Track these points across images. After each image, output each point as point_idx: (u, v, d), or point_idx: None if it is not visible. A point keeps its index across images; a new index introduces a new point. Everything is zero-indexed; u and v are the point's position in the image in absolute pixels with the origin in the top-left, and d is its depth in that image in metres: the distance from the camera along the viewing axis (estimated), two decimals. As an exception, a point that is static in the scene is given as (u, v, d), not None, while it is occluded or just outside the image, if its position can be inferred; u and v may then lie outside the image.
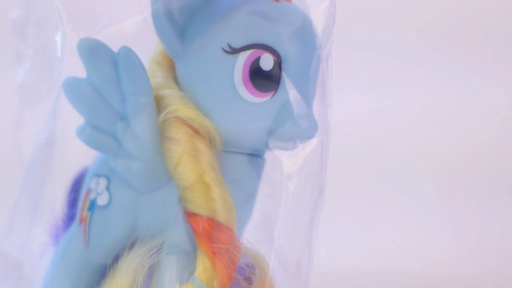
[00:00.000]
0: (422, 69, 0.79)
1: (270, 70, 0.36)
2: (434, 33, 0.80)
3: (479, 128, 0.79)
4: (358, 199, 0.75)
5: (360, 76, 0.77)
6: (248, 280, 0.37)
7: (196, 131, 0.36)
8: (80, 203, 0.39)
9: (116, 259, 0.37)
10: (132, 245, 0.37)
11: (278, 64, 0.36)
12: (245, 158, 0.38)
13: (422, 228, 0.74)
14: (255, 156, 0.38)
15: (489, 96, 0.79)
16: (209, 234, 0.35)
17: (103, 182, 0.38)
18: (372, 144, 0.78)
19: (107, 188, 0.38)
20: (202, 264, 0.35)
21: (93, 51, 0.36)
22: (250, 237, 0.38)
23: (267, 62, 0.36)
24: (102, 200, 0.38)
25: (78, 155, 0.40)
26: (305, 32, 0.37)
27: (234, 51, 0.36)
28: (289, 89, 0.36)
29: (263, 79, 0.36)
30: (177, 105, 0.36)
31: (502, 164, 0.79)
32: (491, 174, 0.79)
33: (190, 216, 0.36)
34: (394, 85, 0.79)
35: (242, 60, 0.36)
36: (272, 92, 0.36)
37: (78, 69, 0.36)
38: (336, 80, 0.39)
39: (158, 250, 0.36)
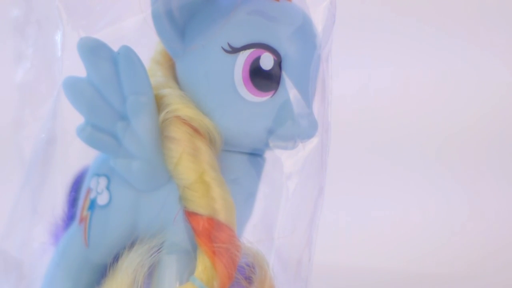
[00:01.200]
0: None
1: (270, 70, 0.36)
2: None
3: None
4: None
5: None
6: (248, 279, 0.37)
7: (196, 130, 0.36)
8: (80, 203, 0.39)
9: (116, 258, 0.37)
10: (132, 245, 0.37)
11: (278, 63, 0.36)
12: (245, 158, 0.38)
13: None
14: (255, 155, 0.38)
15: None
16: (209, 234, 0.35)
17: (103, 181, 0.38)
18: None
19: (107, 188, 0.38)
20: (202, 264, 0.35)
21: (93, 50, 0.36)
22: (250, 236, 0.38)
23: (267, 62, 0.36)
24: (102, 200, 0.38)
25: (78, 155, 0.40)
26: (305, 32, 0.37)
27: (234, 50, 0.36)
28: (289, 88, 0.36)
29: (263, 78, 0.36)
30: (177, 104, 0.36)
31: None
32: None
33: (190, 215, 0.36)
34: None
35: (242, 59, 0.36)
36: (272, 92, 0.36)
37: (78, 69, 0.36)
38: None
39: (158, 249, 0.36)
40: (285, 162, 0.38)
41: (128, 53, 0.36)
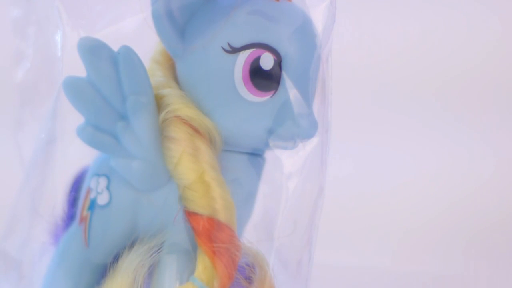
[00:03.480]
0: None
1: (270, 70, 0.36)
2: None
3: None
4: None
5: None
6: (248, 279, 0.37)
7: (196, 130, 0.36)
8: (80, 203, 0.39)
9: (116, 258, 0.37)
10: (132, 245, 0.37)
11: (278, 63, 0.36)
12: (245, 158, 0.38)
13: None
14: (255, 155, 0.38)
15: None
16: (209, 234, 0.35)
17: (103, 181, 0.38)
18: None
19: (107, 188, 0.38)
20: (202, 264, 0.35)
21: (93, 50, 0.36)
22: (250, 236, 0.38)
23: (267, 62, 0.36)
24: (102, 200, 0.38)
25: (78, 155, 0.40)
26: (305, 32, 0.37)
27: (234, 50, 0.36)
28: (289, 88, 0.36)
29: (263, 78, 0.36)
30: (177, 104, 0.36)
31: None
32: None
33: (190, 215, 0.36)
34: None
35: (242, 59, 0.36)
36: (272, 92, 0.36)
37: (78, 69, 0.36)
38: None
39: (158, 249, 0.36)
40: (285, 162, 0.38)
41: (128, 53, 0.36)
